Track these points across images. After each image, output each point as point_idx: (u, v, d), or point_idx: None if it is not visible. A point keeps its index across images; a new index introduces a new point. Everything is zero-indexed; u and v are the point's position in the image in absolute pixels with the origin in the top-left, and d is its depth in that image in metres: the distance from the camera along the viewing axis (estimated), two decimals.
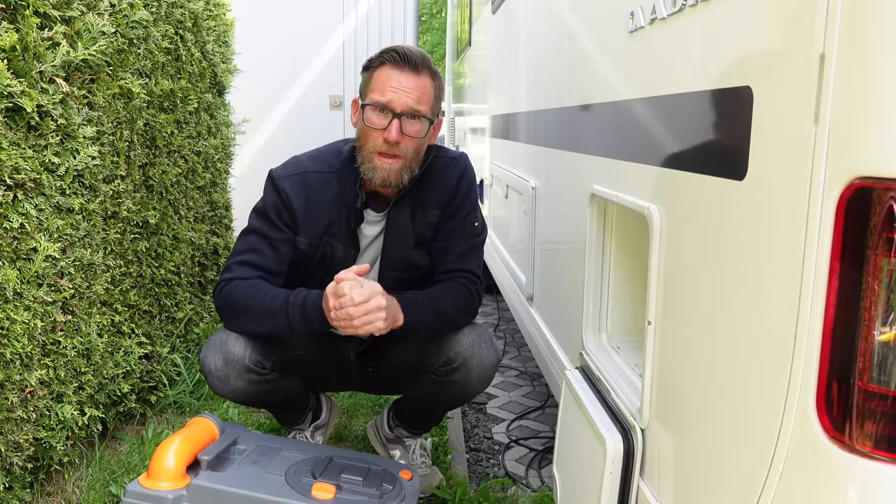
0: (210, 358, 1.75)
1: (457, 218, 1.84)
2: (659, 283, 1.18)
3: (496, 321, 4.07)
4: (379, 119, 1.68)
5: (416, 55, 1.69)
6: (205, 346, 1.80)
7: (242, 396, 1.82)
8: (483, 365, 1.79)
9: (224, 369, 1.75)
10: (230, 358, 1.74)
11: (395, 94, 1.66)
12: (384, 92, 1.67)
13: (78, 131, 1.83)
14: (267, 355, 1.79)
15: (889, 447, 0.74)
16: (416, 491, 1.54)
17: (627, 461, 1.25)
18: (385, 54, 1.70)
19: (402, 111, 1.67)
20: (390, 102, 1.66)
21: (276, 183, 1.79)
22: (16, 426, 1.71)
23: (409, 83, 1.67)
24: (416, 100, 1.68)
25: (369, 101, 1.69)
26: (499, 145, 3.43)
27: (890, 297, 0.73)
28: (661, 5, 1.17)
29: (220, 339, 1.77)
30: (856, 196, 0.73)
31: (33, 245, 1.70)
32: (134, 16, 2.11)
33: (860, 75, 0.71)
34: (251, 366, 1.76)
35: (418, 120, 1.69)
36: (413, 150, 1.71)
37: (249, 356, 1.75)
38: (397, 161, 1.70)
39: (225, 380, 1.76)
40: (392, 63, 1.68)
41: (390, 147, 1.67)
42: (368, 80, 1.73)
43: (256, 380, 1.78)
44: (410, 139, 1.69)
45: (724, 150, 0.98)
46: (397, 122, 1.66)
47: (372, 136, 1.69)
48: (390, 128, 1.66)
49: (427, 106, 1.71)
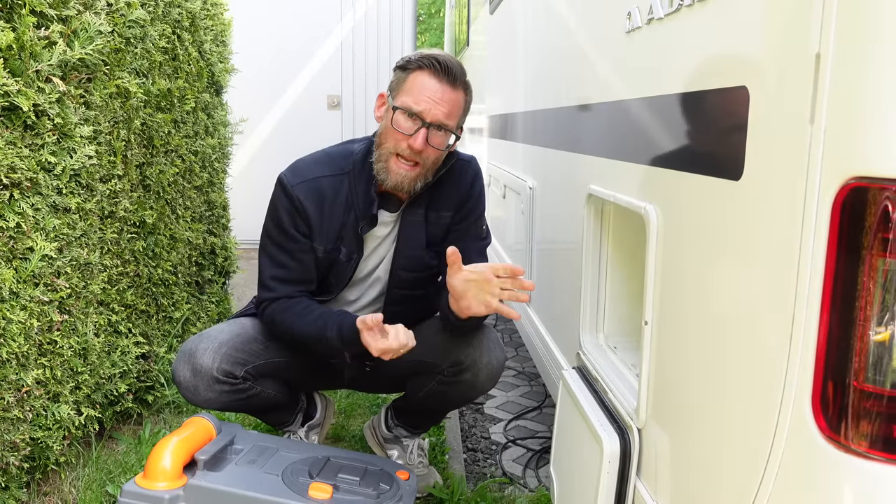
0: (179, 369, 1.74)
1: (469, 220, 1.84)
2: (656, 282, 1.19)
3: (493, 321, 4.07)
4: (407, 124, 1.66)
5: (455, 67, 1.68)
6: (175, 355, 1.78)
7: (216, 406, 1.80)
8: (491, 365, 1.79)
9: (193, 380, 1.73)
10: (198, 369, 1.73)
11: (429, 104, 1.65)
12: (419, 101, 1.65)
13: (74, 130, 1.83)
14: (241, 364, 1.77)
15: (885, 447, 0.74)
16: (413, 491, 1.54)
17: (624, 461, 1.25)
18: (425, 59, 1.68)
19: (432, 122, 1.66)
20: (423, 112, 1.65)
21: (287, 190, 1.75)
22: (12, 426, 1.70)
23: (444, 95, 1.66)
24: (446, 114, 1.67)
25: (401, 104, 1.67)
26: (496, 145, 3.43)
27: (885, 297, 0.73)
28: (657, 5, 1.18)
29: (189, 349, 1.75)
30: (851, 196, 0.73)
31: (30, 244, 1.70)
32: (131, 15, 2.10)
33: (855, 75, 0.71)
34: (220, 377, 1.74)
35: (444, 132, 1.69)
36: (433, 160, 1.71)
37: (217, 367, 1.73)
38: (415, 169, 1.69)
39: (195, 391, 1.74)
40: (431, 70, 1.67)
41: (412, 154, 1.67)
42: (402, 80, 1.70)
43: (228, 390, 1.76)
44: (433, 150, 1.69)
45: (720, 151, 0.98)
46: (424, 131, 1.65)
47: (395, 137, 1.68)
48: (417, 136, 1.65)
49: (455, 120, 1.71)
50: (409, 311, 1.87)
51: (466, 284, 1.54)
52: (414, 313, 1.88)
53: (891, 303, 0.73)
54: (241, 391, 1.78)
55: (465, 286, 1.55)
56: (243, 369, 1.77)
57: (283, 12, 5.54)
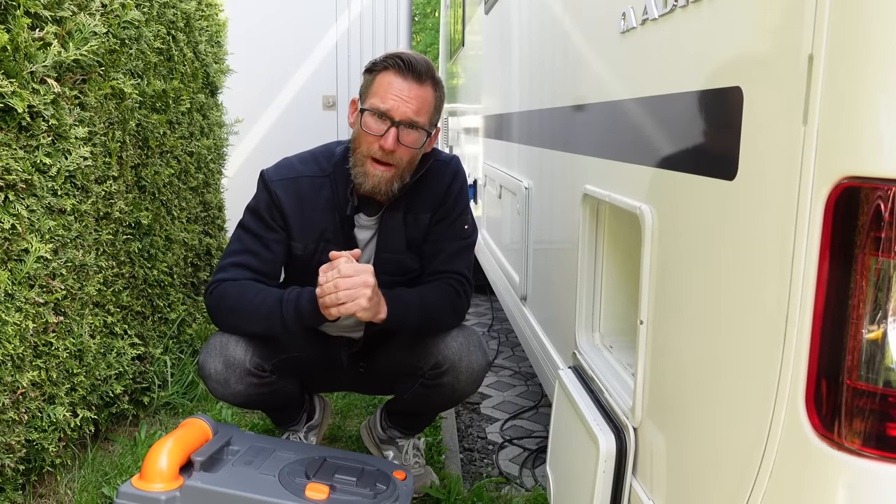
0: (210, 362, 1.74)
1: (448, 220, 1.84)
2: (651, 282, 1.19)
3: (490, 321, 4.08)
4: (377, 125, 1.66)
5: (420, 64, 1.68)
6: (202, 349, 1.79)
7: (241, 399, 1.81)
8: (472, 368, 1.79)
9: (224, 373, 1.74)
10: (231, 361, 1.74)
11: (396, 102, 1.65)
12: (385, 99, 1.65)
13: (69, 132, 1.82)
14: (267, 358, 1.78)
15: (878, 444, 0.75)
16: (409, 491, 1.54)
17: (620, 460, 1.26)
18: (389, 59, 1.68)
19: (401, 120, 1.66)
20: (390, 110, 1.65)
21: (267, 186, 1.78)
22: (7, 428, 1.70)
23: (410, 92, 1.66)
24: (415, 110, 1.67)
25: (369, 105, 1.67)
26: (492, 145, 3.43)
27: (878, 296, 0.73)
28: (652, 6, 1.18)
29: (219, 342, 1.76)
30: (844, 195, 0.73)
31: (25, 246, 1.70)
32: (126, 16, 2.10)
33: (848, 76, 0.72)
34: (252, 369, 1.75)
35: (416, 130, 1.69)
36: (407, 159, 1.71)
37: (250, 359, 1.75)
38: (390, 169, 1.69)
39: (225, 383, 1.75)
40: (396, 69, 1.66)
41: (385, 155, 1.67)
42: (370, 83, 1.71)
43: (257, 383, 1.77)
44: (406, 149, 1.68)
45: (714, 151, 0.99)
46: (395, 130, 1.65)
47: (367, 140, 1.68)
48: (387, 136, 1.65)
49: (426, 117, 1.70)
50: None
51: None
52: None
53: (883, 301, 0.73)
54: (267, 384, 1.80)
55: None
56: (270, 362, 1.79)
57: (279, 13, 5.53)
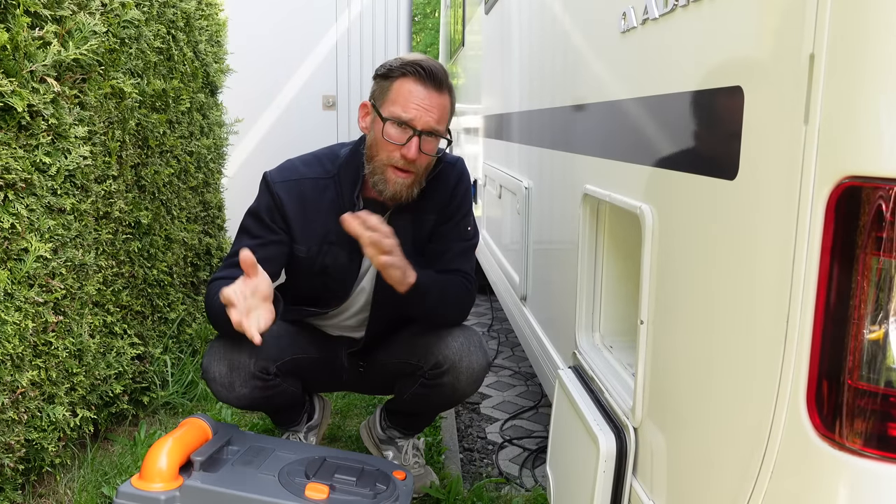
0: (214, 365, 1.74)
1: (453, 221, 1.84)
2: (651, 282, 1.19)
3: (490, 321, 4.07)
4: (399, 134, 1.65)
5: (439, 72, 1.67)
6: (206, 352, 1.78)
7: (246, 402, 1.81)
8: (472, 368, 1.79)
9: (229, 376, 1.74)
10: (235, 365, 1.73)
11: (418, 111, 1.64)
12: (407, 108, 1.64)
13: (69, 131, 1.82)
14: (272, 360, 1.78)
15: (879, 445, 0.75)
16: (409, 491, 1.54)
17: (620, 460, 1.25)
18: (409, 66, 1.66)
19: (423, 129, 1.65)
20: (412, 120, 1.64)
21: (270, 187, 1.77)
22: (7, 427, 1.70)
23: (431, 101, 1.65)
24: (437, 119, 1.67)
25: (390, 115, 1.65)
26: (492, 145, 3.43)
27: (879, 296, 0.73)
28: (652, 6, 1.18)
29: (223, 345, 1.75)
30: (845, 195, 0.73)
31: (24, 245, 1.70)
32: (125, 15, 2.10)
33: (849, 75, 0.72)
34: (257, 372, 1.75)
35: (435, 138, 1.69)
36: (425, 166, 1.72)
37: (255, 363, 1.74)
38: (409, 176, 1.69)
39: (230, 386, 1.74)
40: (416, 77, 1.65)
41: (406, 163, 1.66)
42: (387, 89, 1.68)
43: (261, 386, 1.77)
44: (425, 156, 1.69)
45: (715, 150, 0.98)
46: (417, 140, 1.65)
47: (388, 149, 1.66)
48: (409, 145, 1.64)
49: (445, 124, 1.71)
50: (396, 316, 1.89)
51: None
52: (401, 317, 1.90)
53: (884, 301, 0.73)
54: (271, 387, 1.80)
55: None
56: (275, 365, 1.79)
57: (279, 12, 5.53)
